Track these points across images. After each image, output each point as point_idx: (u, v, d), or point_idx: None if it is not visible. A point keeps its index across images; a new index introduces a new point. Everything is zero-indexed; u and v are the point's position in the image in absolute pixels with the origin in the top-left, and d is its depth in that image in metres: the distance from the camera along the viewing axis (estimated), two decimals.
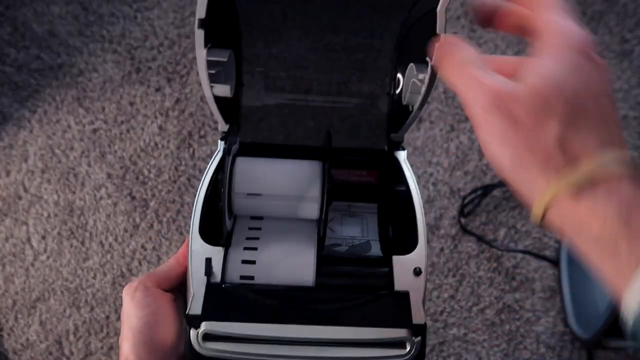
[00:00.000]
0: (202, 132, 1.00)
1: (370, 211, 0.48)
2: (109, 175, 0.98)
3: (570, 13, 0.27)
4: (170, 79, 1.03)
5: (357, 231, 0.46)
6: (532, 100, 0.25)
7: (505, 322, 0.90)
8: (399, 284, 0.39)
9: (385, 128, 0.50)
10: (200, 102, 1.01)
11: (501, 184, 0.94)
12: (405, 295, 0.39)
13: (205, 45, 0.37)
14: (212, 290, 0.38)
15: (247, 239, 0.42)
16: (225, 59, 0.39)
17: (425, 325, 0.37)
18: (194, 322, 0.36)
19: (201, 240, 0.40)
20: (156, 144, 1.00)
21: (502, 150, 0.26)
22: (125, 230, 0.95)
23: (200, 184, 0.43)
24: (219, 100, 0.42)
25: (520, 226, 0.94)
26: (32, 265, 0.95)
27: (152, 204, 0.96)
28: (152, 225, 0.95)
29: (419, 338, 0.36)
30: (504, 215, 0.95)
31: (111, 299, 0.92)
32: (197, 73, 1.02)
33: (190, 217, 0.41)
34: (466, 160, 0.98)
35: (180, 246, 0.93)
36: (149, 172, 0.98)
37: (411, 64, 0.41)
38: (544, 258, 0.92)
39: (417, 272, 0.40)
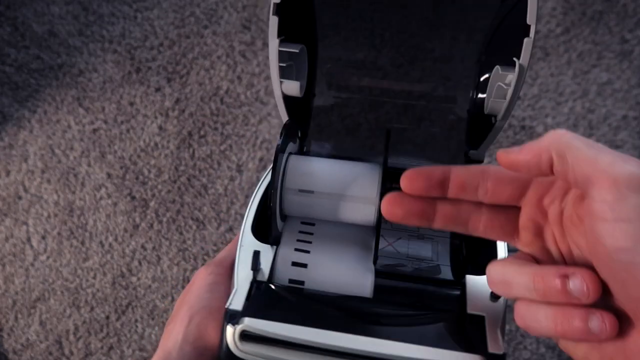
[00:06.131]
0: (202, 132, 1.00)
1: (442, 234, 0.43)
2: (109, 175, 0.98)
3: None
4: (170, 79, 1.03)
5: (426, 253, 0.42)
6: None
7: (505, 322, 0.90)
8: (473, 308, 0.34)
9: (464, 144, 0.45)
10: (200, 102, 1.01)
11: None
12: (479, 319, 0.33)
13: (279, 36, 0.34)
14: (258, 287, 0.34)
15: (299, 241, 0.39)
16: (298, 50, 0.36)
17: (504, 355, 0.31)
18: (233, 318, 0.32)
19: (252, 236, 0.38)
20: (156, 144, 1.00)
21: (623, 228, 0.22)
22: (125, 230, 0.95)
23: (262, 179, 0.41)
24: (287, 100, 0.38)
25: None
26: (32, 265, 0.95)
27: (152, 204, 0.96)
28: (152, 225, 0.95)
29: None
30: None
31: (111, 299, 0.92)
32: (197, 73, 1.03)
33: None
34: None
35: (179, 246, 0.93)
36: (149, 172, 0.98)
37: (497, 67, 0.37)
38: None
39: (494, 295, 0.34)
